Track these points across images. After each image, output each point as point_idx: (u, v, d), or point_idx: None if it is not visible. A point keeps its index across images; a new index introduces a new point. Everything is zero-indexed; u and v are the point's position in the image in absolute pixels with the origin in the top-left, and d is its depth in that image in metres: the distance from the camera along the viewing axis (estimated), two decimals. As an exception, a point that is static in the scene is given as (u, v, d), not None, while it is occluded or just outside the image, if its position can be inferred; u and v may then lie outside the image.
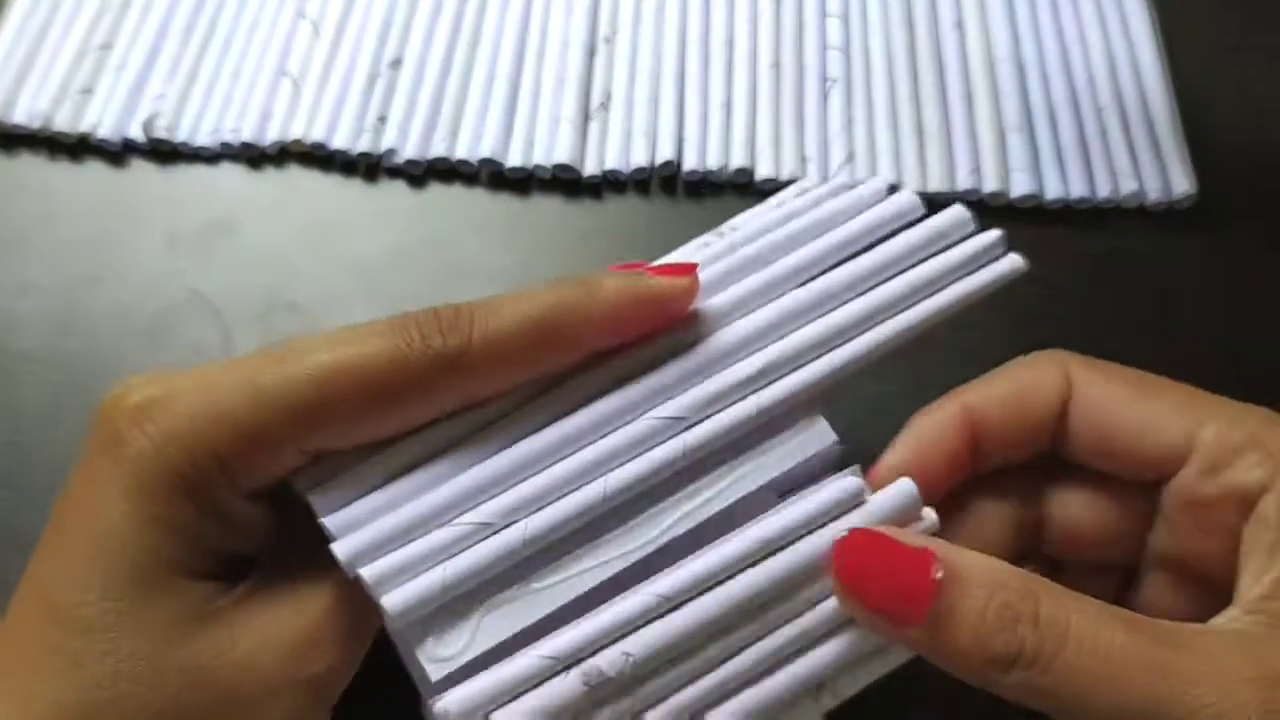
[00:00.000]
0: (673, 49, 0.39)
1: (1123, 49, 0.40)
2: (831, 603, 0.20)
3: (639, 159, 0.37)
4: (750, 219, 0.26)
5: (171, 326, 0.34)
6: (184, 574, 0.20)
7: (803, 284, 0.24)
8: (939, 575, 0.18)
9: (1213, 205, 0.38)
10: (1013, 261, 0.25)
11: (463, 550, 0.20)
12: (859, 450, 0.23)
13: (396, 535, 0.20)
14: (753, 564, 0.20)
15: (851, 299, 0.23)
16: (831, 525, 0.21)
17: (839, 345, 0.23)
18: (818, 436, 0.22)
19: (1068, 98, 0.39)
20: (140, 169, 0.37)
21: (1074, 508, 0.24)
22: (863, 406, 0.30)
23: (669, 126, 0.38)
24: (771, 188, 0.37)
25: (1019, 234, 0.37)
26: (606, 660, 0.19)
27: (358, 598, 0.20)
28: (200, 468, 0.19)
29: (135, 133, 0.37)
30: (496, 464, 0.21)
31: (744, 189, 0.38)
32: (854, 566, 0.19)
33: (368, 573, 0.20)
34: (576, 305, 0.21)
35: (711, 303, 0.23)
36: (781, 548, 0.20)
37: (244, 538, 0.21)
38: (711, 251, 0.24)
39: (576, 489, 0.21)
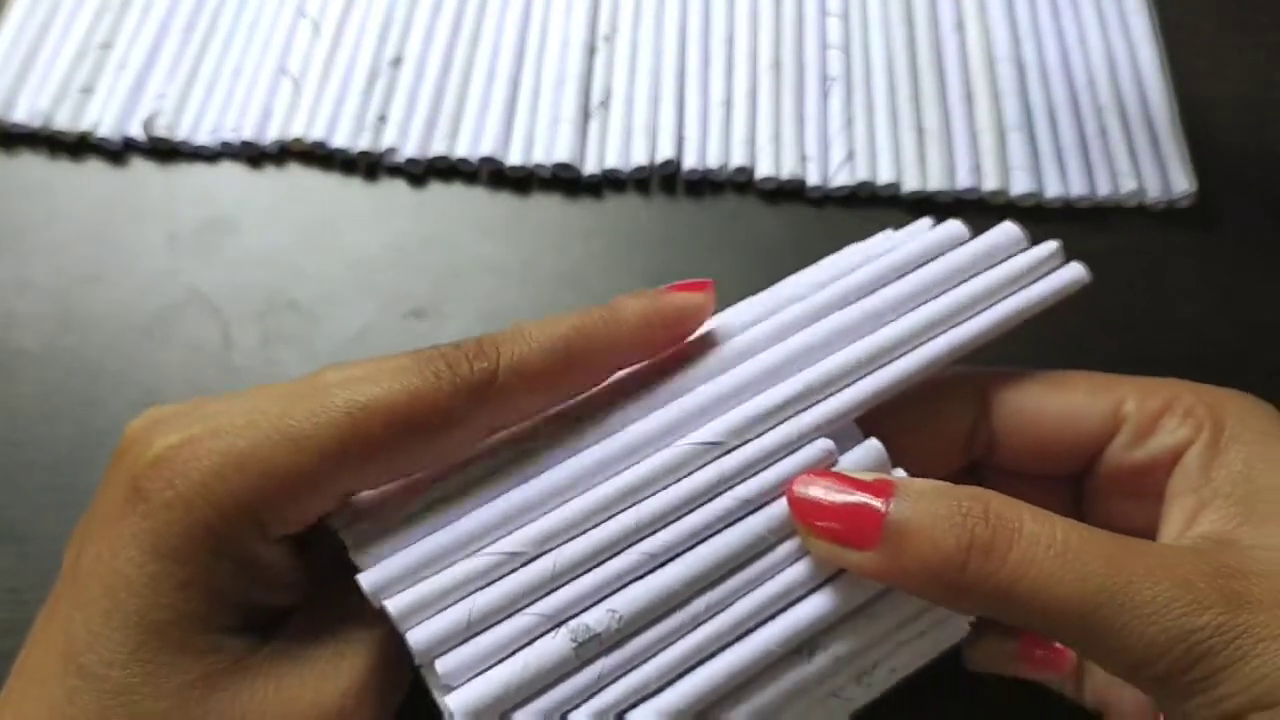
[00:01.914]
0: (673, 47, 0.40)
1: (1123, 49, 0.40)
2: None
3: (639, 158, 0.37)
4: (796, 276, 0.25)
5: (171, 325, 0.34)
6: (213, 630, 0.19)
7: (845, 308, 0.23)
8: (892, 501, 0.19)
9: (1212, 204, 0.38)
10: (1074, 271, 0.24)
11: (489, 583, 0.20)
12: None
13: (423, 565, 0.20)
14: (733, 522, 0.21)
15: (897, 319, 0.23)
16: None
17: (885, 364, 0.22)
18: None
19: (1068, 97, 0.39)
20: (140, 168, 0.37)
21: None
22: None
23: (669, 125, 0.38)
24: (771, 186, 0.37)
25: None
26: (594, 618, 0.19)
27: (395, 651, 0.20)
28: (229, 520, 0.19)
29: (136, 131, 0.37)
30: (525, 492, 0.20)
31: (744, 188, 0.38)
32: (810, 500, 0.20)
33: (392, 605, 0.19)
34: (601, 328, 0.21)
35: (750, 331, 0.23)
36: (760, 506, 0.21)
37: (274, 587, 0.21)
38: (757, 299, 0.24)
39: (609, 518, 0.20)
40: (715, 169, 0.37)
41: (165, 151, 0.37)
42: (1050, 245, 0.24)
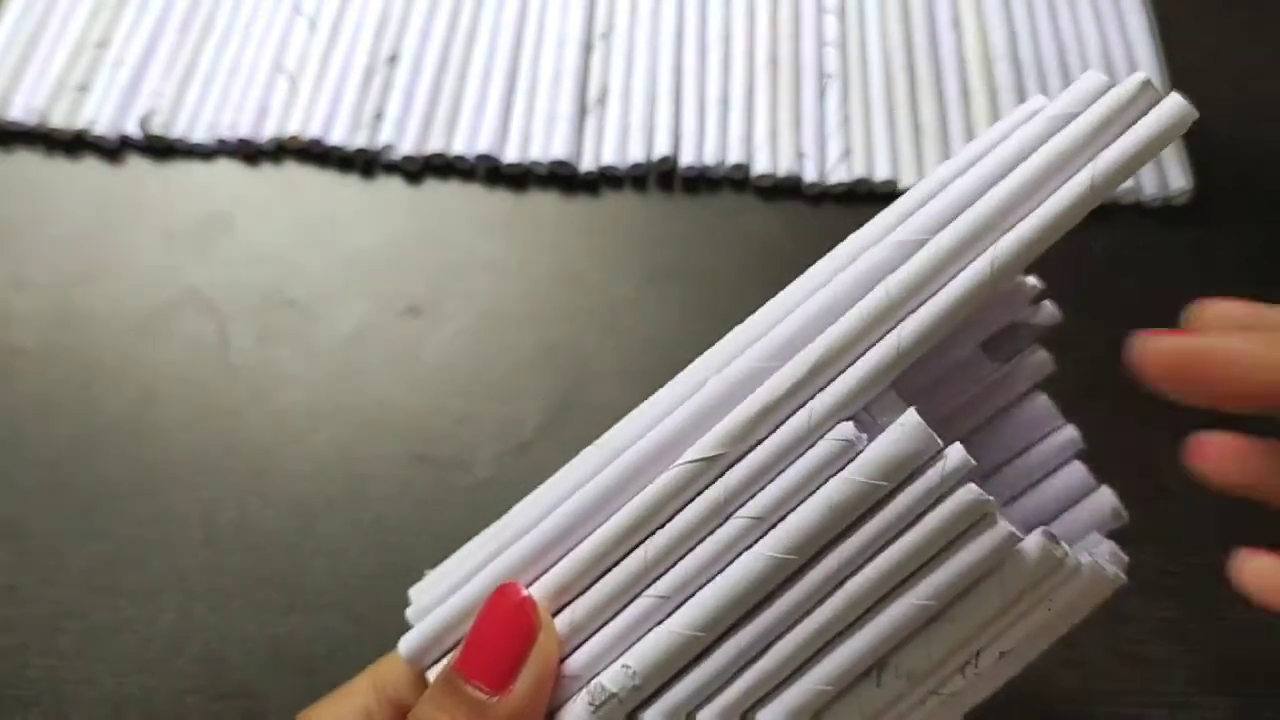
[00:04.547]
0: (669, 44, 0.39)
1: (1119, 47, 0.40)
2: (865, 575, 0.17)
3: (636, 154, 0.37)
4: None
5: (168, 323, 0.34)
6: None
7: (875, 245, 0.18)
8: None
9: (1209, 203, 0.38)
10: (1174, 105, 0.17)
11: None
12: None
13: (451, 627, 0.19)
14: (748, 546, 0.17)
15: (929, 239, 0.17)
16: (831, 481, 0.17)
17: (915, 309, 0.17)
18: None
19: (1064, 94, 0.39)
20: (137, 165, 0.37)
21: None
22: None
23: (666, 122, 0.38)
24: (768, 183, 0.37)
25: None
26: (609, 677, 0.18)
27: None
28: None
29: (132, 129, 0.37)
30: (536, 538, 0.19)
31: (741, 185, 0.38)
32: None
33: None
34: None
35: (768, 306, 0.19)
36: (776, 522, 0.17)
37: None
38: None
39: (616, 563, 0.18)
40: (712, 166, 0.37)
41: (161, 149, 0.37)
42: (1136, 78, 0.17)
